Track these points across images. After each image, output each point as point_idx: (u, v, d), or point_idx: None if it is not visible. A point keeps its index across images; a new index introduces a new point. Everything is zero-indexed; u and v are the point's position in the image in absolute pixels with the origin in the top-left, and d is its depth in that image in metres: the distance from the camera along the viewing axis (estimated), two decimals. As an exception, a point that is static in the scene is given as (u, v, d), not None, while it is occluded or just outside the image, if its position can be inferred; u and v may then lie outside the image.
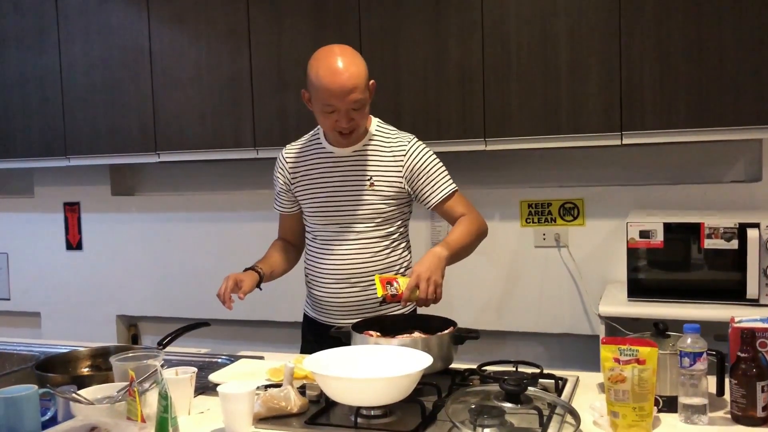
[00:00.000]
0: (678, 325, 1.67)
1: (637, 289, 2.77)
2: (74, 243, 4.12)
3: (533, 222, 3.30)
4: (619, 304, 2.76)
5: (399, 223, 2.23)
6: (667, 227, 2.72)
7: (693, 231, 2.69)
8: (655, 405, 1.51)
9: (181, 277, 3.88)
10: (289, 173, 2.28)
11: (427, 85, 3.04)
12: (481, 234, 2.20)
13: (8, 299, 4.28)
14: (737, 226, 2.63)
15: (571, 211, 3.25)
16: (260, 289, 2.20)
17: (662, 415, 1.57)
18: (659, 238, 2.73)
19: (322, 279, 2.24)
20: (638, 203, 3.11)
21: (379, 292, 1.96)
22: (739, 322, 1.59)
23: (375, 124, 2.23)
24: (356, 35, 3.07)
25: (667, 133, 2.76)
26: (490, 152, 3.04)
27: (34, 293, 4.21)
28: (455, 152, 2.97)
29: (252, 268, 2.21)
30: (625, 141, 2.81)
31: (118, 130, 3.57)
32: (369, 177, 2.17)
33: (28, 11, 3.70)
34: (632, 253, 2.77)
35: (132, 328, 4.11)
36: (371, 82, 2.13)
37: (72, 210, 4.12)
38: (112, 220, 4.04)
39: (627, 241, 2.76)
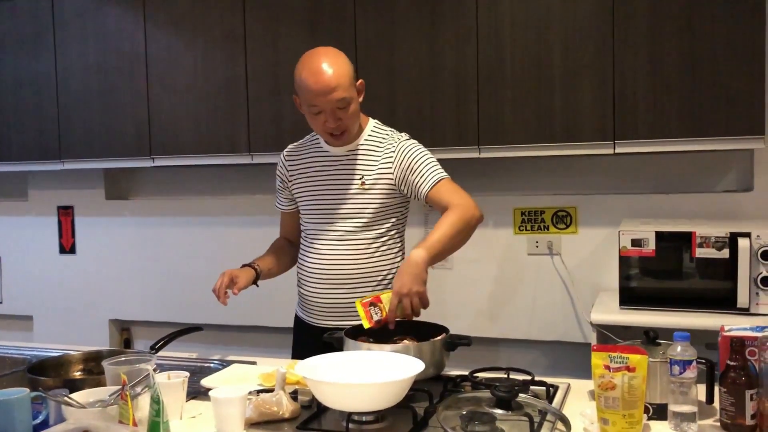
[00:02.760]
0: (669, 333, 1.68)
1: (628, 298, 2.78)
2: (67, 247, 4.11)
3: (526, 229, 3.31)
4: (610, 312, 2.77)
5: (389, 225, 2.21)
6: (659, 236, 2.73)
7: (684, 240, 2.70)
8: (644, 412, 1.52)
9: (175, 281, 3.88)
10: (288, 171, 2.31)
11: (421, 92, 3.06)
12: (468, 223, 2.03)
13: (0, 302, 4.26)
14: (728, 236, 2.64)
15: (564, 219, 3.26)
16: (257, 285, 2.21)
17: (652, 423, 1.58)
18: (651, 246, 2.74)
19: (310, 277, 2.24)
20: (630, 212, 3.13)
21: (366, 324, 1.89)
22: (729, 330, 1.60)
23: (372, 125, 2.24)
24: (351, 42, 3.08)
25: (660, 143, 2.78)
26: (483, 160, 3.05)
27: (26, 297, 4.20)
28: (449, 159, 2.97)
29: (249, 265, 2.22)
30: (618, 150, 2.83)
31: (112, 134, 3.57)
32: (361, 176, 2.18)
33: (25, 15, 3.70)
34: (624, 261, 2.78)
35: (124, 332, 4.10)
36: (359, 81, 2.14)
37: (66, 214, 4.11)
38: (105, 224, 4.03)
39: (619, 250, 2.77)
